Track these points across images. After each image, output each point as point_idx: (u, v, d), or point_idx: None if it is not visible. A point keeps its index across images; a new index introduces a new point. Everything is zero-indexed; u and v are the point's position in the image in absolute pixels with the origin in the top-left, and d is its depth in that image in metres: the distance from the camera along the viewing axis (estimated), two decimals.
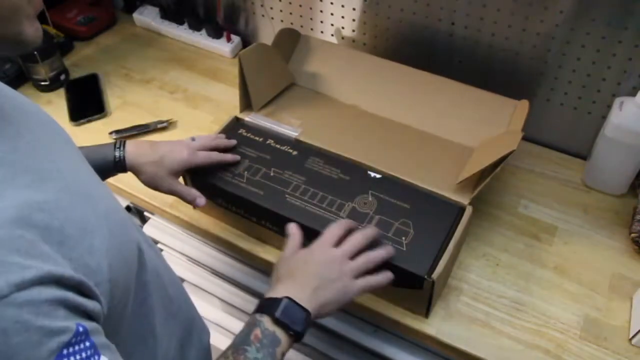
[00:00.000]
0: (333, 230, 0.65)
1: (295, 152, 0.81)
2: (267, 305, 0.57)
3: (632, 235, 0.79)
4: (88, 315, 0.39)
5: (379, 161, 0.79)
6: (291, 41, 0.95)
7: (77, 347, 0.37)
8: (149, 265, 0.55)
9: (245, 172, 0.77)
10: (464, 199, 0.73)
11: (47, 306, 0.35)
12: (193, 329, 0.69)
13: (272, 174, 0.77)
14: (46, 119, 0.51)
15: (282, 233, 0.75)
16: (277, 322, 0.56)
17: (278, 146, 0.82)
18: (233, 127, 0.85)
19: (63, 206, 0.40)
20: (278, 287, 0.59)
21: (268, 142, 0.82)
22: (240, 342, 0.54)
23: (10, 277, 0.34)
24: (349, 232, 0.66)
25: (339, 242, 0.64)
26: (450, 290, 0.75)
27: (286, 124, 0.85)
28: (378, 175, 0.77)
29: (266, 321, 0.56)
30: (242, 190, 0.75)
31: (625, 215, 0.84)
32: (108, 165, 0.71)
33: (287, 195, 0.74)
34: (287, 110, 0.88)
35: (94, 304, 0.40)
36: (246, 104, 0.87)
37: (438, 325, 0.71)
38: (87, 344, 0.38)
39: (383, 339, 0.81)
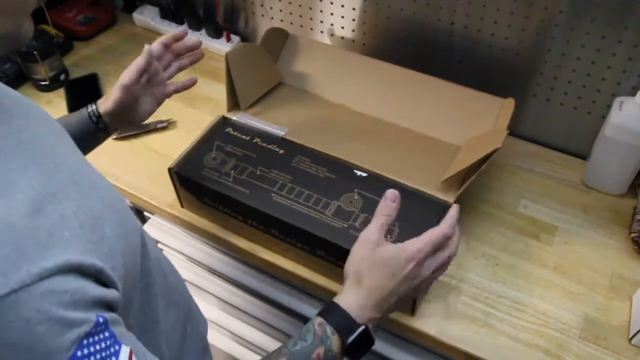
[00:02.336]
0: (426, 249, 0.56)
1: (281, 151, 0.81)
2: (343, 324, 0.53)
3: (632, 235, 0.79)
4: (107, 305, 0.40)
5: (366, 160, 0.79)
6: (280, 40, 0.95)
7: (97, 337, 0.38)
8: (151, 254, 0.56)
9: (232, 171, 0.77)
10: (449, 197, 0.74)
11: (69, 297, 0.36)
12: (191, 317, 0.70)
13: (258, 173, 0.77)
14: (40, 112, 0.51)
15: (268, 232, 0.75)
16: (345, 349, 0.53)
17: (265, 145, 0.82)
18: (220, 126, 0.85)
19: (72, 196, 0.41)
20: (361, 301, 0.54)
21: (255, 140, 0.82)
22: (299, 355, 0.51)
23: (31, 267, 0.35)
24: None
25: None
26: (450, 290, 0.75)
27: (273, 123, 0.85)
28: (364, 174, 0.77)
29: (335, 343, 0.53)
30: (229, 189, 0.75)
31: (625, 215, 0.84)
32: (86, 125, 0.69)
33: (273, 194, 0.74)
34: (274, 109, 0.89)
35: (113, 292, 0.41)
36: (234, 103, 0.88)
37: (438, 325, 0.71)
38: (107, 334, 0.39)
39: (383, 339, 0.81)
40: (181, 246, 0.97)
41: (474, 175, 0.71)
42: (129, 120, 0.73)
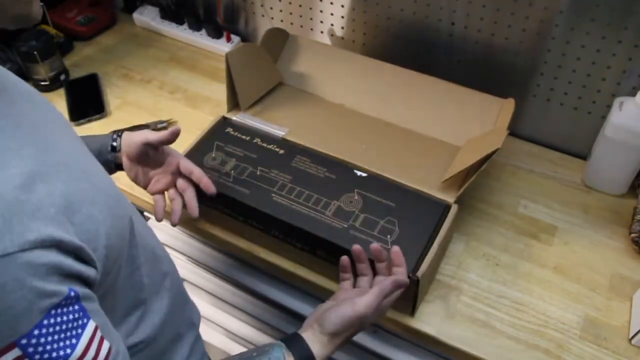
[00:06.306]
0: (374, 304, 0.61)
1: (282, 151, 0.81)
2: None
3: (632, 235, 0.79)
4: (83, 281, 0.42)
5: (365, 160, 0.79)
6: (280, 41, 0.95)
7: (65, 309, 0.40)
8: (140, 241, 0.57)
9: (232, 171, 0.78)
10: (449, 197, 0.74)
11: (45, 270, 0.38)
12: (185, 305, 0.70)
13: (258, 173, 0.77)
14: (40, 99, 0.54)
15: (268, 232, 0.75)
16: None
17: (265, 145, 0.82)
18: (220, 126, 0.85)
19: (62, 178, 0.43)
20: (328, 352, 0.59)
21: (255, 141, 0.83)
22: None
23: (14, 238, 0.37)
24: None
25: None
26: (450, 290, 0.75)
27: (273, 123, 0.85)
28: (364, 174, 0.78)
29: None
30: (229, 190, 0.75)
31: (625, 215, 0.84)
32: (105, 150, 0.73)
33: (273, 194, 0.74)
34: (274, 109, 0.89)
35: (90, 270, 0.43)
36: (234, 103, 0.88)
37: (438, 325, 0.71)
38: (77, 307, 0.41)
39: (383, 339, 0.81)
40: (181, 246, 0.97)
41: (474, 175, 0.71)
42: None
